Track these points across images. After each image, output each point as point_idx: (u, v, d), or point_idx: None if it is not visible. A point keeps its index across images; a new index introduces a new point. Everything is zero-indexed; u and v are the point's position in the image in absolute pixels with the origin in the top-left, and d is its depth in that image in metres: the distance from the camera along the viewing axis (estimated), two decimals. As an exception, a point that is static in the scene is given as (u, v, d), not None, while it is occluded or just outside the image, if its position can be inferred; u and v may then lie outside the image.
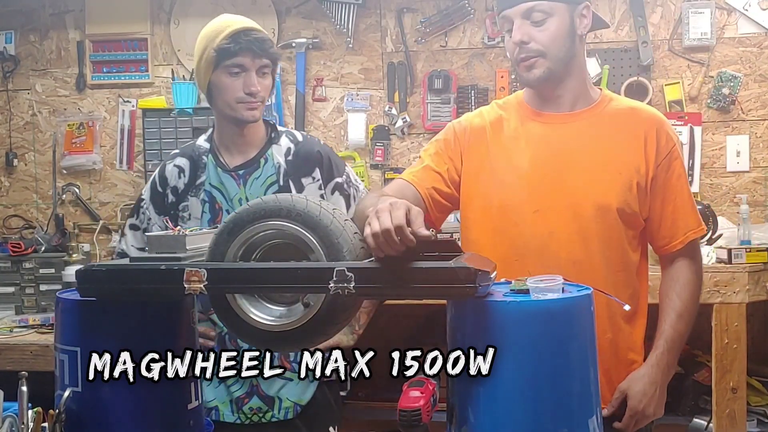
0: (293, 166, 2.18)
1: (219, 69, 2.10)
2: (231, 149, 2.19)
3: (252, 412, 2.13)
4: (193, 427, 1.49)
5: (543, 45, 1.77)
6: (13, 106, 3.88)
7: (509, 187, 1.83)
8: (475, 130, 1.91)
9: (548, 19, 1.77)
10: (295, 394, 2.14)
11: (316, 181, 2.18)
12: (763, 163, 3.43)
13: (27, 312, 3.50)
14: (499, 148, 1.87)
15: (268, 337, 1.38)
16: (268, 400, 2.13)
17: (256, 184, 2.15)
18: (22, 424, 1.41)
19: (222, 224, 1.40)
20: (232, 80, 2.10)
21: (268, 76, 2.16)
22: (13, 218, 3.89)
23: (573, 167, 1.81)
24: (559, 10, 1.77)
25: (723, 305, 2.86)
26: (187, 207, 2.18)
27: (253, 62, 2.10)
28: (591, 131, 1.83)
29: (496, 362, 1.29)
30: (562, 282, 1.35)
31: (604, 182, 1.80)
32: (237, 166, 2.18)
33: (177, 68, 3.74)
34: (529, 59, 1.78)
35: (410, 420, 1.35)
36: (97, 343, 1.39)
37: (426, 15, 3.59)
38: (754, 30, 3.42)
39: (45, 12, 3.84)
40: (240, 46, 2.08)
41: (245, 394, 2.14)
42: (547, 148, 1.83)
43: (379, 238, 1.29)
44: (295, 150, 2.20)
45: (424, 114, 3.58)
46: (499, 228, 1.84)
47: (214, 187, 2.17)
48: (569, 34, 1.80)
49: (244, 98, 2.10)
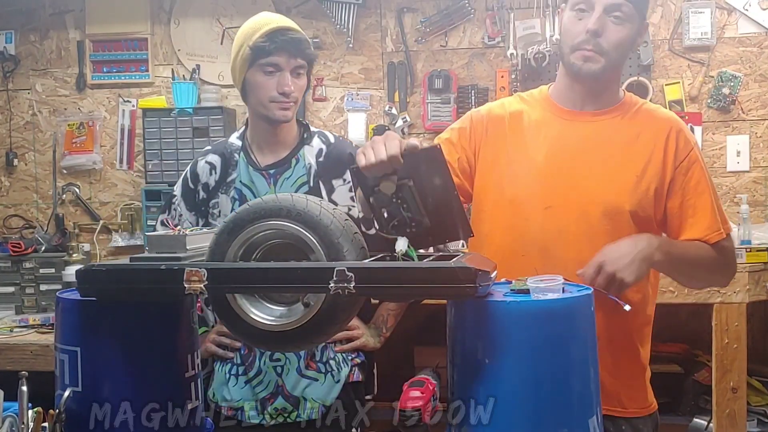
0: (324, 167, 2.17)
1: (254, 67, 2.09)
2: (263, 148, 2.18)
3: (277, 412, 2.13)
4: (193, 426, 1.49)
5: (611, 45, 1.75)
6: (13, 106, 3.88)
7: (522, 181, 1.81)
8: (494, 120, 1.89)
9: (625, 23, 1.75)
10: (320, 394, 2.14)
11: (347, 183, 2.17)
12: (764, 162, 3.43)
13: (27, 312, 3.50)
14: (516, 140, 1.85)
15: (268, 337, 1.38)
16: (293, 400, 2.13)
17: (287, 184, 2.15)
18: (22, 424, 1.41)
19: (222, 224, 1.40)
20: (267, 79, 2.09)
21: (303, 77, 2.14)
22: (13, 218, 3.89)
23: (587, 167, 1.79)
24: (635, 19, 1.77)
25: (723, 305, 2.86)
26: (218, 204, 2.18)
27: (288, 62, 2.08)
28: (610, 132, 1.82)
29: (496, 362, 1.29)
30: (562, 282, 1.35)
31: (619, 184, 1.78)
32: (268, 165, 2.17)
33: (177, 68, 3.75)
34: (592, 52, 1.75)
35: (410, 420, 1.34)
36: (97, 343, 1.39)
37: (426, 15, 3.59)
38: (754, 30, 3.42)
39: (45, 12, 3.84)
40: (276, 45, 2.06)
41: (270, 394, 2.13)
42: (565, 145, 1.82)
43: (372, 168, 1.40)
44: (327, 151, 2.19)
45: (424, 114, 3.58)
46: (510, 221, 1.82)
47: (245, 185, 2.16)
48: (632, 44, 1.80)
49: (277, 98, 2.09)
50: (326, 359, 2.16)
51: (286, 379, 2.13)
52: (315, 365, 2.15)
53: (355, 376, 2.22)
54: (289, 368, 2.13)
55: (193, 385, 1.48)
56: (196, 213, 2.21)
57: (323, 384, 2.14)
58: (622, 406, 1.82)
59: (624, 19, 1.75)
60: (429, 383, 1.42)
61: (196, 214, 2.21)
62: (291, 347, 1.78)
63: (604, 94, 1.84)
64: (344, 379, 2.18)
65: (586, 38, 1.75)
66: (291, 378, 2.13)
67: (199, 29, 3.74)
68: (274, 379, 2.13)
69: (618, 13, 1.74)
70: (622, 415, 1.82)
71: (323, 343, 2.13)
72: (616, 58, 1.77)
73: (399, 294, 1.66)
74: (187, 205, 2.22)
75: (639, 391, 1.86)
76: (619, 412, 1.81)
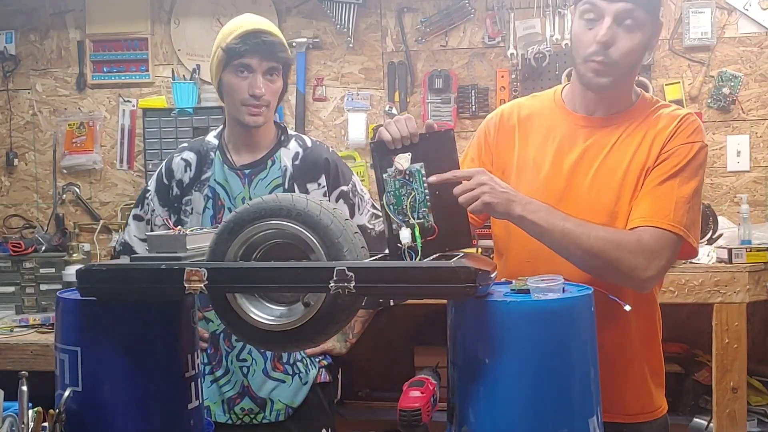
0: (300, 170, 2.17)
1: (228, 69, 2.10)
2: (239, 148, 2.19)
3: (243, 412, 2.13)
4: (194, 426, 1.49)
5: (622, 55, 1.67)
6: (13, 106, 3.88)
7: (529, 188, 1.77)
8: (504, 127, 1.87)
9: (637, 30, 1.67)
10: (287, 396, 2.14)
11: (321, 188, 2.18)
12: (764, 162, 3.43)
13: (27, 312, 3.50)
14: (526, 144, 1.83)
15: (268, 337, 1.38)
16: (259, 401, 2.13)
17: (261, 185, 2.15)
18: (23, 423, 1.41)
19: (222, 224, 1.40)
20: (239, 81, 2.09)
21: (278, 80, 2.14)
22: (13, 218, 3.89)
23: (592, 174, 1.76)
24: (647, 25, 1.68)
25: (723, 305, 2.87)
26: (190, 201, 2.18)
27: (260, 64, 2.08)
28: (618, 138, 1.76)
29: (496, 362, 1.29)
30: (562, 282, 1.35)
31: (621, 190, 1.73)
32: (244, 165, 2.18)
33: (177, 68, 3.75)
34: (602, 65, 1.68)
35: (410, 420, 1.34)
36: (98, 342, 1.39)
37: (426, 15, 3.59)
38: (754, 30, 3.42)
39: (45, 11, 3.84)
40: (248, 47, 2.06)
41: (237, 394, 2.14)
42: (571, 152, 1.78)
43: (391, 142, 1.55)
44: (303, 155, 2.20)
45: (425, 114, 3.58)
46: (517, 227, 1.75)
47: (219, 183, 2.17)
48: (644, 50, 1.72)
49: (248, 100, 2.09)
50: (293, 361, 2.16)
51: (251, 379, 2.13)
52: (282, 367, 2.15)
53: (323, 377, 2.23)
54: (255, 369, 2.13)
55: (193, 385, 1.48)
56: (169, 209, 2.20)
57: (290, 386, 2.15)
58: (626, 412, 1.77)
59: (636, 26, 1.66)
60: (429, 383, 1.42)
61: (168, 210, 2.21)
62: (291, 347, 1.78)
63: (617, 99, 1.78)
64: (312, 381, 2.18)
65: (596, 49, 1.67)
66: (257, 379, 2.13)
67: (200, 29, 3.74)
68: (241, 380, 2.13)
69: (629, 21, 1.66)
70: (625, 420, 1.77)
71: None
72: (627, 67, 1.70)
73: (399, 294, 1.66)
74: (160, 201, 2.22)
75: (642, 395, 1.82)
76: (622, 417, 1.76)
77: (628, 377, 1.78)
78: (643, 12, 1.66)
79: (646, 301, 1.79)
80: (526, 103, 1.91)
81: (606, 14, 1.66)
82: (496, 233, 1.90)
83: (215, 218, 2.13)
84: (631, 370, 1.78)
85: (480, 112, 3.54)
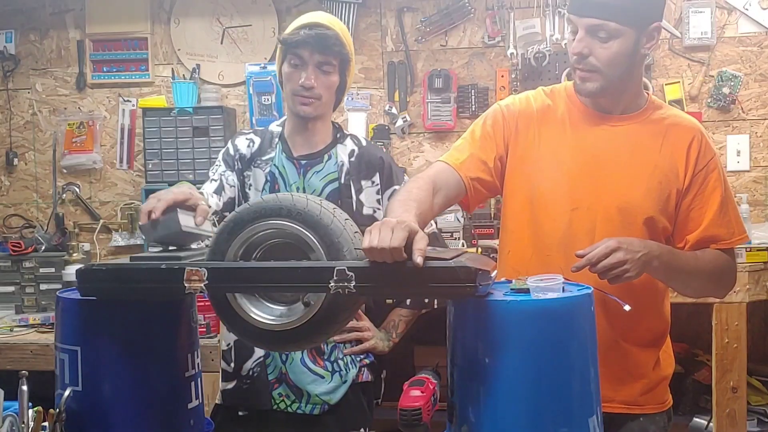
0: (356, 167, 2.18)
1: (286, 59, 2.13)
2: (296, 140, 2.21)
3: (280, 398, 2.14)
4: (193, 426, 1.49)
5: (601, 63, 1.73)
6: (13, 106, 3.88)
7: (550, 182, 1.82)
8: (523, 115, 1.88)
9: (612, 40, 1.72)
10: (325, 392, 2.14)
11: (375, 186, 2.19)
12: (764, 162, 3.43)
13: (27, 311, 3.50)
14: (544, 138, 1.86)
15: (268, 337, 1.38)
16: (295, 390, 2.13)
17: (316, 177, 2.17)
18: (23, 423, 1.41)
19: (222, 223, 1.40)
20: (293, 72, 2.11)
21: (332, 75, 2.13)
22: (13, 217, 3.89)
23: (612, 170, 1.80)
24: (625, 32, 1.73)
25: (723, 305, 2.86)
26: (251, 176, 2.19)
27: (311, 56, 2.09)
28: (634, 137, 1.82)
29: (496, 361, 1.29)
30: (562, 281, 1.35)
31: (643, 189, 1.79)
32: (301, 156, 2.19)
33: (177, 67, 3.75)
34: (585, 72, 1.76)
35: (410, 419, 1.34)
36: (98, 342, 1.39)
37: (426, 14, 3.59)
38: (754, 29, 3.42)
39: (45, 11, 3.84)
40: (300, 38, 2.08)
41: (275, 379, 2.15)
42: (591, 147, 1.82)
43: (374, 253, 1.30)
44: (359, 152, 2.21)
45: (425, 113, 3.58)
46: (536, 221, 1.83)
47: (278, 168, 2.19)
48: (631, 54, 1.75)
49: (299, 91, 2.10)
50: (335, 359, 2.16)
51: (289, 367, 2.13)
52: (322, 362, 2.15)
53: (365, 377, 2.22)
54: (293, 357, 2.13)
55: (193, 384, 1.48)
56: (237, 176, 2.21)
57: (329, 382, 2.14)
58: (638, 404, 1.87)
59: (610, 36, 1.72)
60: (429, 383, 1.42)
61: (235, 175, 2.21)
62: (291, 346, 1.78)
63: (625, 100, 1.84)
64: (352, 380, 2.18)
65: (576, 59, 1.76)
66: (295, 367, 2.13)
67: (199, 29, 3.74)
68: (279, 366, 2.14)
69: (602, 33, 1.72)
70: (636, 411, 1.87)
71: (333, 343, 2.14)
72: (614, 73, 1.75)
73: (399, 294, 1.66)
74: (227, 167, 2.22)
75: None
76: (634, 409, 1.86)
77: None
78: (614, 24, 1.71)
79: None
80: (539, 96, 1.92)
81: (579, 27, 1.75)
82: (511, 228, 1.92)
83: None
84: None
85: (480, 112, 3.52)
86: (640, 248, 1.66)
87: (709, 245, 1.81)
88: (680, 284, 1.86)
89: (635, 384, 1.86)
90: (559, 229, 1.80)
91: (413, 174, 3.58)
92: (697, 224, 1.81)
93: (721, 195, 1.81)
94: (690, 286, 1.87)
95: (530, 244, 1.84)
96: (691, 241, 1.81)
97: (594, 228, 1.79)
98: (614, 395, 1.81)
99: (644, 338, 1.87)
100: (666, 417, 1.94)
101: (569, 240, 1.78)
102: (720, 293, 1.99)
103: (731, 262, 1.86)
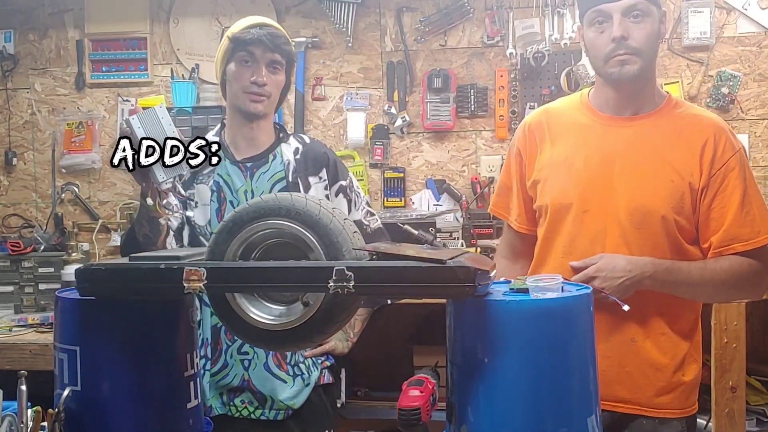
0: (301, 164, 2.20)
1: (233, 59, 2.14)
2: (239, 143, 2.21)
3: (243, 405, 2.14)
4: (193, 426, 1.49)
5: (640, 43, 1.80)
6: (12, 105, 3.88)
7: (562, 186, 1.88)
8: (534, 129, 1.97)
9: (645, 19, 1.81)
10: (289, 397, 2.14)
11: (323, 181, 2.21)
12: (763, 162, 3.43)
13: (26, 311, 3.50)
14: (556, 144, 1.91)
15: (267, 337, 1.38)
16: (259, 396, 2.13)
17: (263, 179, 2.17)
18: (22, 423, 1.41)
19: (221, 223, 1.40)
20: (242, 69, 2.13)
21: (280, 73, 2.17)
22: (12, 217, 3.89)
23: (624, 171, 1.82)
24: (653, 12, 1.82)
25: (722, 305, 2.86)
26: (194, 194, 2.19)
27: (263, 54, 2.12)
28: (648, 137, 1.84)
29: (495, 361, 1.29)
30: (561, 281, 1.35)
31: (654, 189, 1.80)
32: (245, 158, 2.19)
33: (176, 67, 3.74)
34: (625, 55, 1.80)
35: (410, 419, 1.35)
36: (97, 342, 1.39)
37: (425, 14, 3.59)
38: (753, 29, 3.42)
39: (44, 11, 3.83)
40: (252, 36, 2.10)
41: (236, 387, 2.14)
42: (603, 149, 1.85)
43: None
44: (303, 150, 2.23)
45: (424, 113, 3.58)
46: (554, 224, 1.88)
47: (221, 177, 2.18)
48: (658, 36, 1.85)
49: (250, 87, 2.11)
50: (295, 362, 2.16)
51: (252, 373, 2.13)
52: (285, 366, 2.15)
53: (326, 379, 2.24)
54: (256, 363, 2.13)
55: (192, 384, 1.48)
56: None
57: (292, 386, 2.14)
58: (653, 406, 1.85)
59: (643, 15, 1.80)
60: (428, 382, 1.42)
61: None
62: (291, 346, 1.78)
63: (642, 98, 1.87)
64: (314, 383, 2.19)
65: (614, 46, 1.80)
66: (258, 373, 2.13)
67: (199, 28, 3.74)
68: (241, 373, 2.13)
69: (636, 12, 1.79)
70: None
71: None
72: (649, 52, 1.82)
73: (399, 293, 1.66)
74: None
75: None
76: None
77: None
78: (645, 2, 1.80)
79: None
80: (553, 106, 2.00)
81: (614, 13, 1.80)
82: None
83: (219, 211, 2.15)
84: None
85: (479, 112, 3.54)
86: (622, 273, 1.71)
87: (733, 245, 1.80)
88: (687, 296, 1.86)
89: (650, 386, 1.85)
90: (572, 231, 1.85)
91: (412, 174, 3.60)
92: (719, 225, 1.81)
93: (741, 194, 1.81)
94: (700, 296, 1.88)
95: (547, 248, 1.90)
96: (715, 242, 1.81)
97: (605, 230, 1.81)
98: (630, 396, 1.82)
99: (660, 341, 1.85)
100: (685, 423, 1.89)
101: (582, 242, 1.83)
102: (746, 297, 2.05)
103: (755, 265, 1.83)
